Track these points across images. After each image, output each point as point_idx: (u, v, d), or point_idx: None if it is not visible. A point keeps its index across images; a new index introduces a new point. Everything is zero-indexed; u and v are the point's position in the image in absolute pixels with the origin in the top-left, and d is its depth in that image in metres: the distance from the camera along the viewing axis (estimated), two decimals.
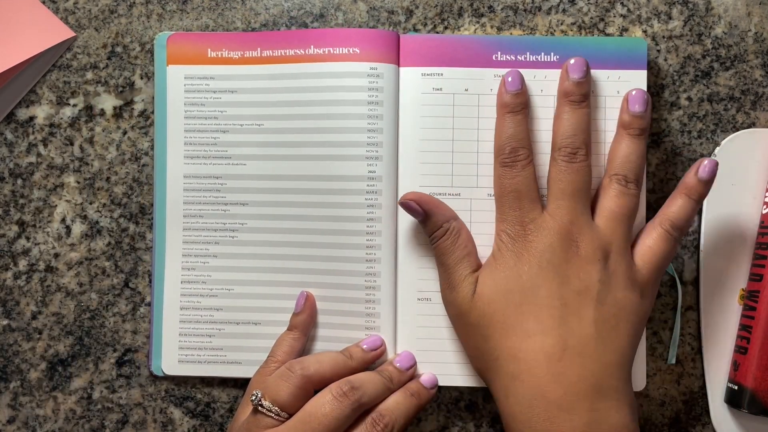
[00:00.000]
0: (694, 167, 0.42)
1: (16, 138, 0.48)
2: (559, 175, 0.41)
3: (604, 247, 0.40)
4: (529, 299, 0.39)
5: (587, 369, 0.38)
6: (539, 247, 0.40)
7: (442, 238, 0.42)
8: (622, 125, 0.43)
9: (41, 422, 0.47)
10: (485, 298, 0.40)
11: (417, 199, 0.42)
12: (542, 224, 0.40)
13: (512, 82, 0.43)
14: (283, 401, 0.40)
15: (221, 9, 0.48)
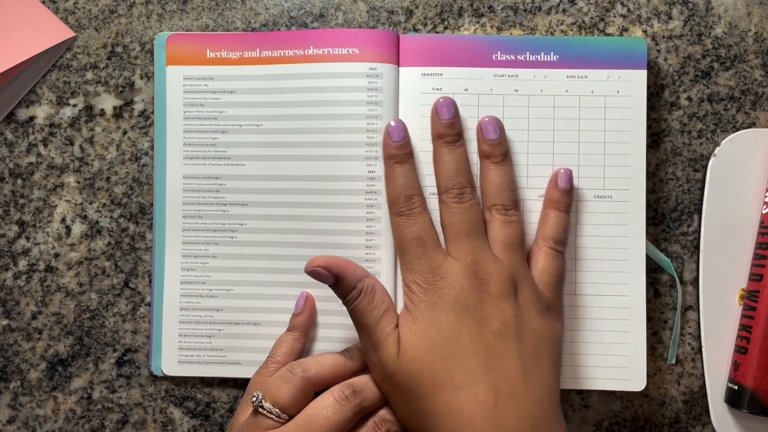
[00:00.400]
0: (552, 179, 0.44)
1: (16, 138, 0.48)
2: (453, 217, 0.42)
3: (511, 279, 0.40)
4: (453, 349, 0.39)
5: (522, 410, 0.38)
6: (451, 293, 0.40)
7: (358, 299, 0.41)
8: (483, 155, 0.44)
9: (41, 422, 0.47)
10: (410, 355, 0.39)
11: (325, 265, 0.40)
12: (449, 269, 0.40)
13: (396, 134, 0.44)
14: (284, 403, 0.40)
15: (221, 9, 0.48)
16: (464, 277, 0.40)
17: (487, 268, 0.40)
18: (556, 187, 0.44)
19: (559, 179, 0.44)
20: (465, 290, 0.40)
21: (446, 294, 0.40)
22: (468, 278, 0.40)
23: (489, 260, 0.40)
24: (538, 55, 0.45)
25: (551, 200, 0.44)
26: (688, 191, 0.47)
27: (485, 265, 0.40)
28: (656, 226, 0.47)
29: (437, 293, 0.40)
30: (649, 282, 0.46)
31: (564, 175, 0.44)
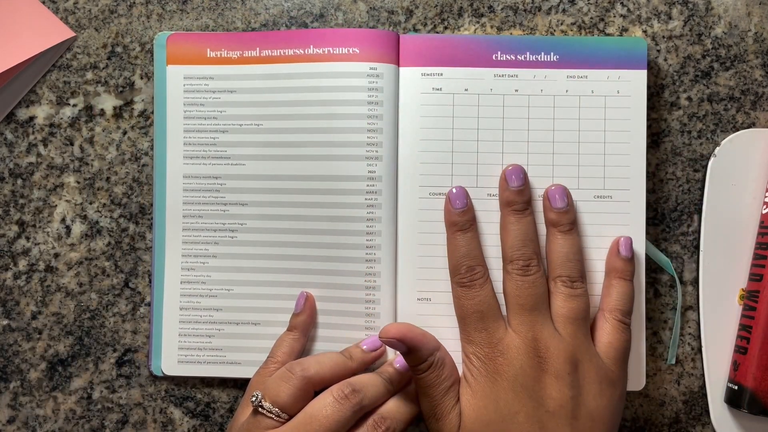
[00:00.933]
0: (613, 247, 0.43)
1: (16, 138, 0.48)
2: (517, 291, 0.41)
3: (572, 357, 0.40)
4: (508, 428, 0.39)
5: None
6: (511, 371, 0.40)
7: (428, 372, 0.41)
8: (550, 223, 0.43)
9: (41, 422, 0.47)
10: (469, 428, 0.40)
11: (400, 337, 0.40)
12: (510, 344, 0.40)
13: (458, 201, 0.44)
14: (284, 402, 0.40)
15: (221, 9, 0.48)
16: (524, 355, 0.40)
17: (548, 346, 0.40)
18: (618, 255, 0.43)
19: (621, 247, 0.43)
20: (524, 369, 0.40)
21: (505, 371, 0.40)
22: (527, 356, 0.40)
23: (550, 337, 0.40)
24: (538, 55, 0.45)
25: (614, 269, 0.43)
26: (688, 191, 0.47)
27: (545, 343, 0.40)
28: (656, 226, 0.47)
29: (497, 369, 0.40)
30: (649, 282, 0.46)
31: (625, 244, 0.43)
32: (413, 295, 0.45)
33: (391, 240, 0.45)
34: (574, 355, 0.40)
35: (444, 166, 0.45)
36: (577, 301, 0.41)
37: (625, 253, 0.43)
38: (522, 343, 0.40)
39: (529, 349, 0.40)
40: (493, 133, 0.45)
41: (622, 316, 0.42)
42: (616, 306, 0.42)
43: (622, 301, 0.42)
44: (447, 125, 0.45)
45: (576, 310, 0.41)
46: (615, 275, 0.43)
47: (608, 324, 0.42)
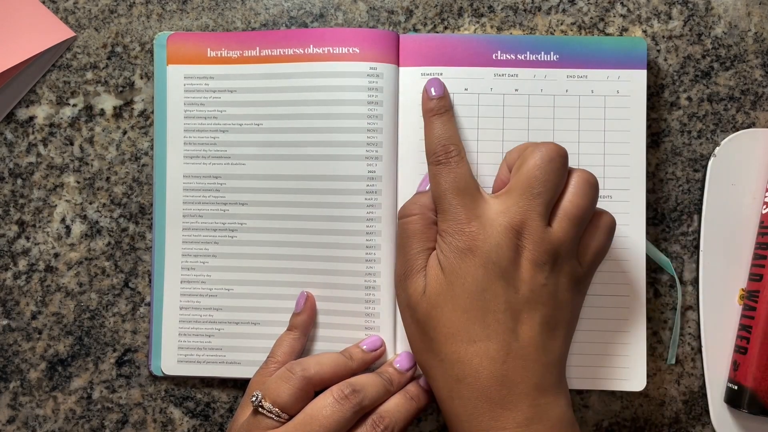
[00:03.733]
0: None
1: (16, 138, 0.48)
2: (536, 171, 0.39)
3: (555, 251, 0.39)
4: (474, 304, 0.38)
5: (529, 370, 0.38)
6: (485, 247, 0.38)
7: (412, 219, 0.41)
8: None
9: (41, 422, 0.47)
10: (432, 300, 0.39)
11: None
12: (490, 221, 0.39)
13: (435, 89, 0.44)
14: (284, 402, 0.40)
15: (221, 9, 0.48)
16: (504, 234, 0.38)
17: (534, 235, 0.38)
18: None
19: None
20: (500, 248, 0.38)
21: (479, 247, 0.38)
22: (508, 237, 0.38)
23: (540, 228, 0.39)
24: (538, 54, 0.45)
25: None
26: (688, 191, 0.47)
27: (533, 231, 0.38)
28: (656, 226, 0.47)
29: (470, 244, 0.39)
30: (649, 282, 0.46)
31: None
32: None
33: (391, 240, 0.45)
34: (557, 250, 0.39)
35: None
36: (587, 200, 0.39)
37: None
38: (506, 223, 0.38)
39: (512, 231, 0.38)
40: (493, 132, 0.45)
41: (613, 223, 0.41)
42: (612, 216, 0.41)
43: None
44: None
45: (582, 209, 0.39)
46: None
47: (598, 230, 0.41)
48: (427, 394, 0.43)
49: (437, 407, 0.47)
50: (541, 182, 0.39)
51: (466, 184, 0.40)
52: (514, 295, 0.38)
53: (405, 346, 0.45)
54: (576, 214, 0.39)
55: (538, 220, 0.39)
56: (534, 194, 0.39)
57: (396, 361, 0.44)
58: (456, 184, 0.40)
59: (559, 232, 0.39)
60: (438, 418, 0.47)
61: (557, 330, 0.39)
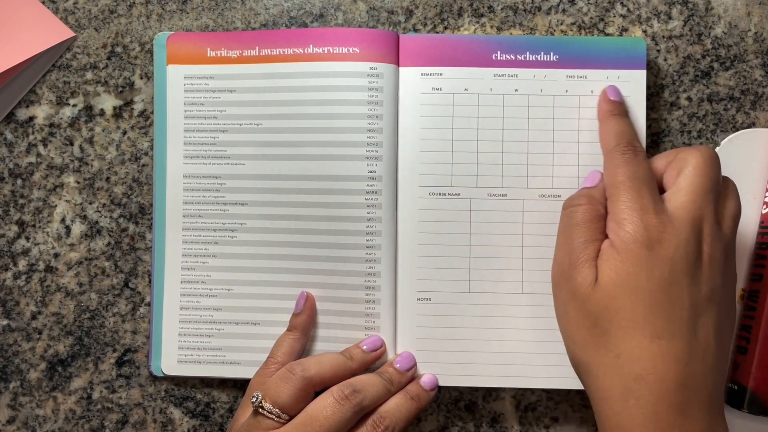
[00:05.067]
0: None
1: (16, 138, 0.48)
2: (705, 169, 0.38)
3: (726, 248, 0.39)
4: (661, 297, 0.37)
5: (708, 377, 0.37)
6: (675, 241, 0.37)
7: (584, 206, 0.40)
8: None
9: (41, 422, 0.47)
10: (610, 290, 0.38)
11: None
12: (677, 216, 0.38)
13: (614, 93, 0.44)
14: (284, 403, 0.40)
15: (221, 9, 0.48)
16: (690, 230, 0.38)
17: (712, 231, 0.38)
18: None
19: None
20: (689, 244, 0.37)
21: (668, 239, 0.37)
22: (693, 234, 0.38)
23: (715, 224, 0.38)
24: (538, 55, 0.45)
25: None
26: None
27: (711, 227, 0.38)
28: None
29: (659, 236, 0.38)
30: None
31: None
32: (413, 295, 0.45)
33: (391, 240, 0.45)
34: (727, 248, 0.39)
35: (444, 165, 0.45)
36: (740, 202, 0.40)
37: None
38: (689, 219, 0.38)
39: (696, 227, 0.38)
40: (492, 132, 0.45)
41: None
42: None
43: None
44: (447, 125, 0.45)
45: (740, 210, 0.40)
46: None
47: None
48: (428, 394, 0.43)
49: (437, 407, 0.47)
50: (712, 182, 0.38)
51: (651, 178, 0.39)
52: (697, 292, 0.37)
53: (405, 345, 0.45)
54: (737, 214, 0.40)
55: (713, 218, 0.38)
56: (707, 189, 0.38)
57: (396, 361, 0.44)
58: (642, 175, 0.39)
59: (726, 229, 0.39)
60: (438, 417, 0.47)
61: (727, 336, 0.39)
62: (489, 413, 0.47)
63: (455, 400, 0.47)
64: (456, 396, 0.47)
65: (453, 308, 0.44)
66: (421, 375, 0.44)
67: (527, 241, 0.44)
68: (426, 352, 0.45)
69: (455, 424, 0.47)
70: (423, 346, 0.45)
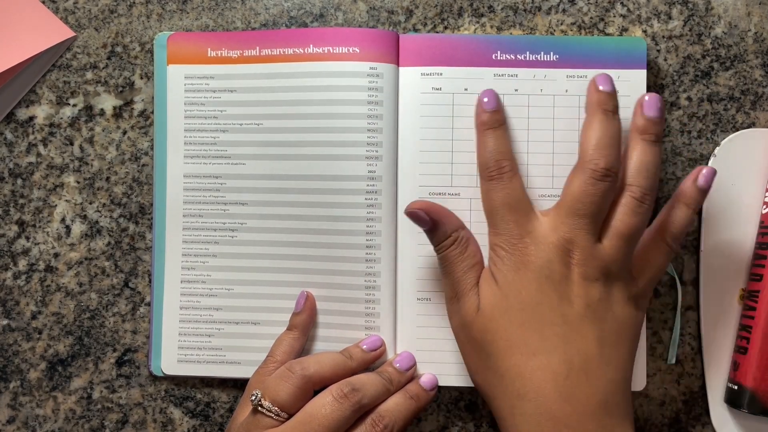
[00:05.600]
0: (693, 175, 0.41)
1: (16, 138, 0.48)
2: (580, 195, 0.39)
3: (606, 268, 0.39)
4: (531, 317, 0.38)
5: (593, 387, 0.37)
6: (537, 262, 0.39)
7: (450, 248, 0.41)
8: (636, 129, 0.41)
9: (41, 422, 0.47)
10: (488, 314, 0.39)
11: (425, 209, 0.41)
12: (542, 236, 0.39)
13: (489, 102, 0.43)
14: (283, 401, 0.40)
15: (221, 9, 0.48)
16: (555, 251, 0.39)
17: (583, 252, 0.39)
18: (694, 183, 0.41)
19: (701, 177, 0.40)
20: (552, 263, 0.39)
21: (532, 262, 0.39)
22: (558, 253, 0.39)
23: (589, 246, 0.39)
24: (538, 54, 0.45)
25: (683, 194, 0.41)
26: None
27: (582, 249, 0.39)
28: None
29: (523, 259, 0.39)
30: None
31: (707, 175, 0.40)
32: (413, 295, 0.45)
33: (391, 240, 0.45)
34: (608, 268, 0.39)
35: (444, 165, 0.45)
36: (638, 218, 0.39)
37: (702, 183, 0.40)
38: (556, 241, 0.39)
39: (562, 248, 0.39)
40: None
41: (671, 239, 0.40)
42: (669, 228, 0.40)
43: (677, 225, 0.40)
44: (447, 125, 0.45)
45: (632, 228, 0.39)
46: (681, 200, 0.41)
47: (654, 243, 0.40)
48: (427, 394, 0.43)
49: (437, 407, 0.47)
50: (586, 204, 0.39)
51: (518, 200, 0.41)
52: (569, 308, 0.38)
53: (405, 345, 0.45)
54: (625, 233, 0.39)
55: (587, 237, 0.39)
56: (580, 214, 0.39)
57: (396, 361, 0.44)
58: (509, 200, 0.40)
59: (609, 249, 0.39)
60: (438, 417, 0.47)
61: (619, 345, 0.39)
62: (489, 413, 0.47)
63: (455, 400, 0.47)
64: (456, 396, 0.47)
65: None
66: (421, 375, 0.44)
67: None
68: (426, 352, 0.45)
69: (455, 424, 0.47)
70: (423, 346, 0.45)
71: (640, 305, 0.40)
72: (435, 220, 0.41)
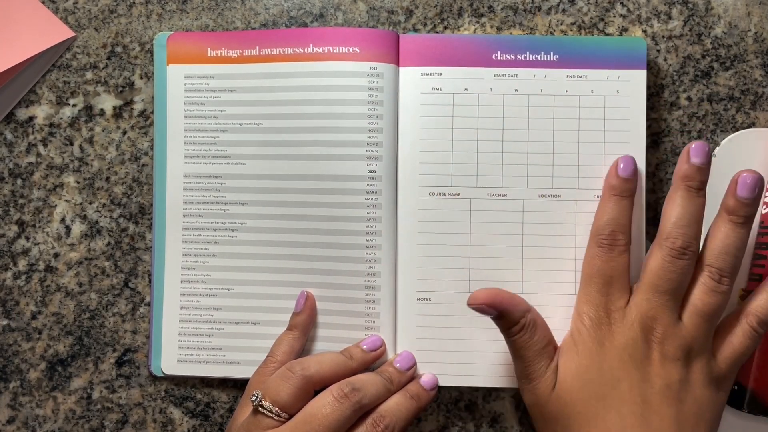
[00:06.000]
0: None
1: (16, 138, 0.48)
2: (659, 271, 0.39)
3: (687, 346, 0.39)
4: (610, 393, 0.39)
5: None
6: (622, 340, 0.39)
7: (519, 334, 0.40)
8: (725, 209, 0.40)
9: (41, 422, 0.47)
10: (567, 385, 0.40)
11: (489, 302, 0.40)
12: (626, 315, 0.40)
13: (625, 168, 0.43)
14: (284, 402, 0.40)
15: (221, 9, 0.48)
16: (638, 329, 0.39)
17: (666, 330, 0.39)
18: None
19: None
20: (635, 341, 0.39)
21: (617, 339, 0.39)
22: (643, 332, 0.39)
23: (670, 324, 0.39)
24: (538, 54, 0.45)
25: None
26: None
27: (665, 327, 0.39)
28: (656, 226, 0.47)
29: (608, 334, 0.40)
30: None
31: None
32: (413, 295, 0.45)
33: (391, 240, 0.45)
34: (689, 346, 0.39)
35: (444, 166, 0.45)
36: (716, 297, 0.40)
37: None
38: (639, 318, 0.39)
39: (645, 326, 0.39)
40: (493, 132, 0.45)
41: (757, 323, 0.40)
42: (758, 312, 0.40)
43: (764, 310, 0.40)
44: (447, 125, 0.45)
45: (711, 307, 0.40)
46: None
47: (740, 328, 0.40)
48: (428, 394, 0.43)
49: (437, 407, 0.47)
50: (665, 281, 0.39)
51: (619, 275, 0.41)
52: (649, 388, 0.39)
53: (405, 345, 0.45)
54: (704, 311, 0.40)
55: (668, 314, 0.39)
56: (661, 291, 0.39)
57: (396, 361, 0.44)
58: (610, 273, 0.41)
59: (690, 327, 0.39)
60: (438, 417, 0.47)
61: (698, 428, 0.39)
62: (489, 413, 0.47)
63: (455, 400, 0.47)
64: (456, 396, 0.47)
65: (453, 308, 0.44)
66: (421, 375, 0.44)
67: (527, 241, 0.44)
68: (426, 352, 0.45)
69: (455, 424, 0.47)
70: (423, 346, 0.45)
71: (721, 387, 0.40)
72: (501, 310, 0.40)
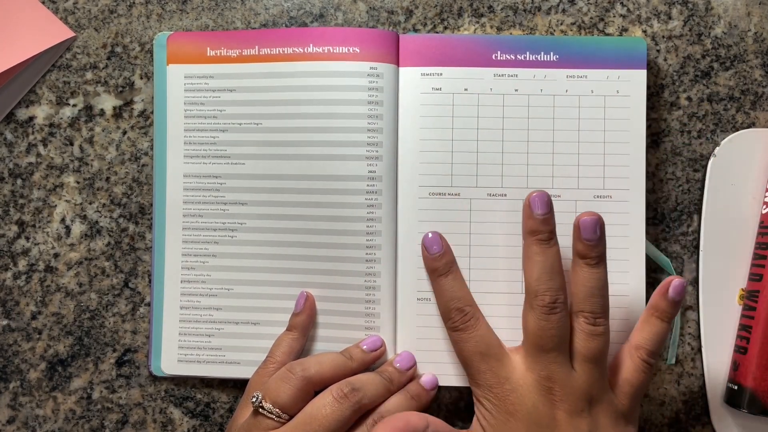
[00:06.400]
0: (663, 288, 0.41)
1: (16, 138, 0.48)
2: (539, 331, 0.40)
3: (587, 395, 0.39)
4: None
5: None
6: (523, 409, 0.39)
7: None
8: (578, 254, 0.41)
9: (41, 422, 0.47)
10: None
11: None
12: (520, 381, 0.40)
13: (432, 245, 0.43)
14: (284, 403, 0.40)
15: (221, 9, 0.48)
16: (536, 392, 0.39)
17: (563, 385, 0.39)
18: (665, 296, 0.41)
19: (671, 289, 0.41)
20: (537, 407, 0.39)
21: (518, 410, 0.39)
22: (540, 394, 0.39)
23: (565, 376, 0.39)
24: (538, 54, 0.45)
25: (656, 307, 0.41)
26: (688, 191, 0.47)
27: (561, 381, 0.39)
28: (656, 226, 0.47)
29: (509, 408, 0.40)
30: (649, 282, 0.46)
31: (678, 286, 0.41)
32: (413, 295, 0.45)
33: (391, 240, 0.45)
34: (589, 393, 0.39)
35: (444, 166, 0.45)
36: (597, 340, 0.40)
37: (673, 295, 0.41)
38: (534, 381, 0.40)
39: (542, 387, 0.39)
40: (492, 132, 0.45)
41: (647, 356, 0.41)
42: (645, 345, 0.41)
43: (653, 341, 0.41)
44: (447, 125, 0.45)
45: (596, 350, 0.40)
46: (654, 313, 0.41)
47: (631, 361, 0.41)
48: (428, 394, 0.43)
49: (437, 407, 0.47)
50: (546, 339, 0.39)
51: (488, 346, 0.41)
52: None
53: (405, 345, 0.45)
54: (591, 356, 0.40)
55: (561, 369, 0.39)
56: (546, 349, 0.39)
57: (396, 361, 0.44)
58: (479, 348, 0.41)
59: (583, 375, 0.40)
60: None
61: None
62: None
63: (455, 400, 0.47)
64: (456, 396, 0.47)
65: None
66: (421, 375, 0.44)
67: None
68: (426, 352, 0.45)
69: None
70: (423, 346, 0.45)
71: (630, 421, 0.41)
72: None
